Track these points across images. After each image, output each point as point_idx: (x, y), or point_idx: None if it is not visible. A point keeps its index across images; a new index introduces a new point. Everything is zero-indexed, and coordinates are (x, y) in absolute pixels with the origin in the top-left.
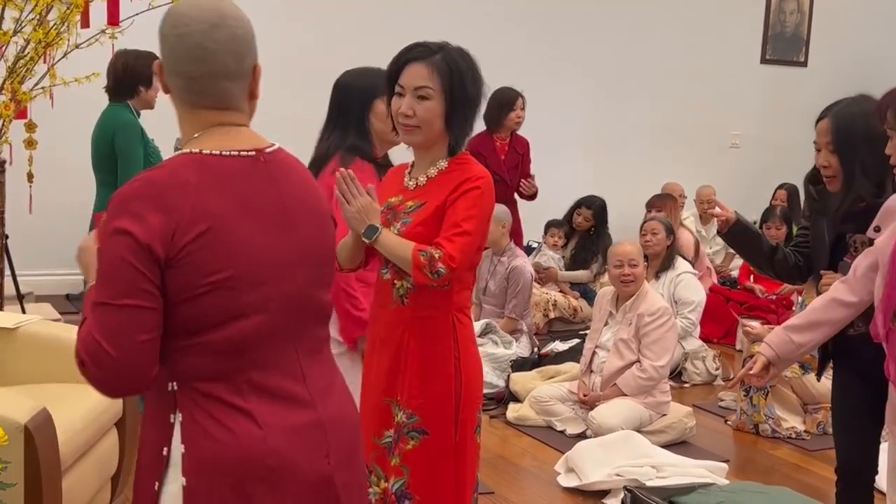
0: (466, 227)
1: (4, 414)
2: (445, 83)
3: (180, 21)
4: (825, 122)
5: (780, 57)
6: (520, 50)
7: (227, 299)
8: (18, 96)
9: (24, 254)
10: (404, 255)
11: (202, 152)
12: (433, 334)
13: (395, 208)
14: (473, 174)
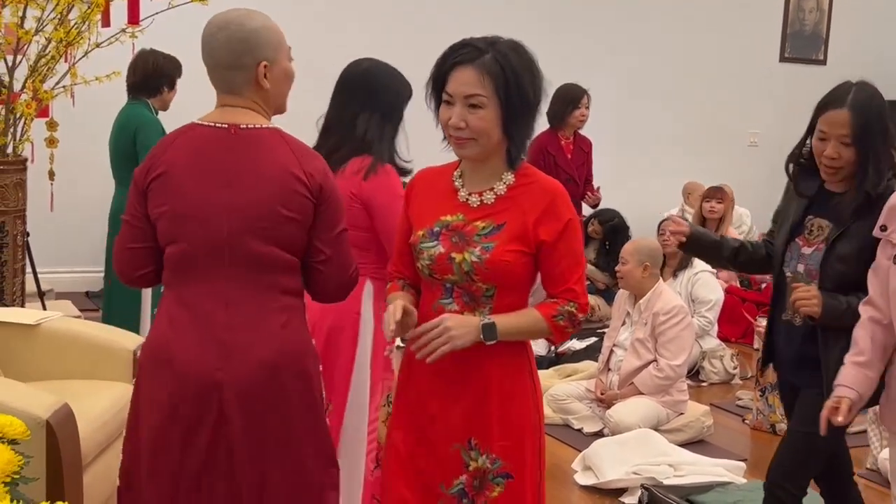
0: (582, 262)
1: (26, 409)
2: (499, 87)
3: (206, 26)
4: (844, 114)
5: (799, 55)
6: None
7: (167, 227)
8: (40, 95)
9: (45, 251)
10: (537, 328)
11: (195, 121)
12: (513, 368)
13: (458, 230)
14: (555, 190)
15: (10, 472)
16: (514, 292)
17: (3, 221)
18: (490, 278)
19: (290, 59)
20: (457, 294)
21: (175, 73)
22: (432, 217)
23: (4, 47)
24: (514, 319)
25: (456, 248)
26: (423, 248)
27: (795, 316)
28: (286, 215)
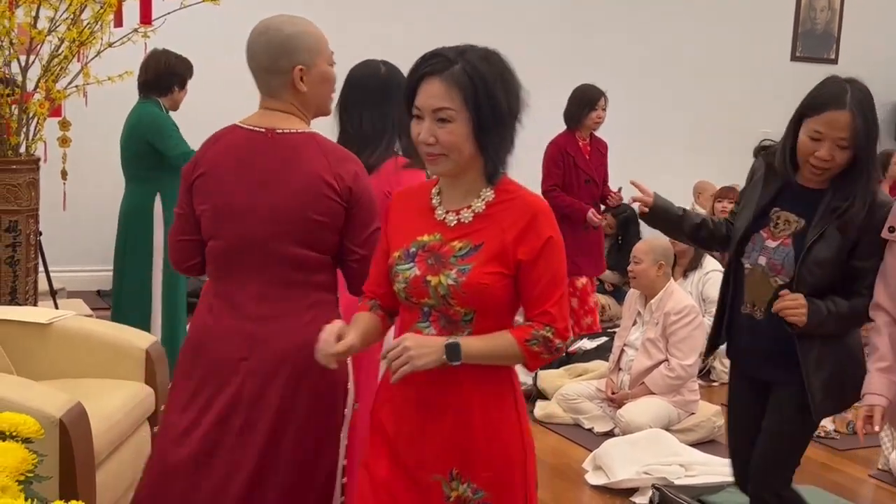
0: (563, 283)
1: (40, 408)
2: (469, 99)
3: (251, 31)
4: (845, 116)
5: (810, 54)
6: (546, 50)
7: (208, 224)
8: (53, 94)
9: (57, 250)
10: (509, 352)
11: (237, 123)
12: (496, 396)
13: (435, 251)
14: (537, 207)
15: (23, 471)
16: (494, 316)
17: (16, 220)
18: (468, 302)
19: (330, 64)
20: (434, 318)
21: (186, 74)
22: (409, 237)
23: (17, 47)
24: (483, 342)
25: (432, 270)
26: (399, 271)
27: (756, 310)
28: (316, 219)
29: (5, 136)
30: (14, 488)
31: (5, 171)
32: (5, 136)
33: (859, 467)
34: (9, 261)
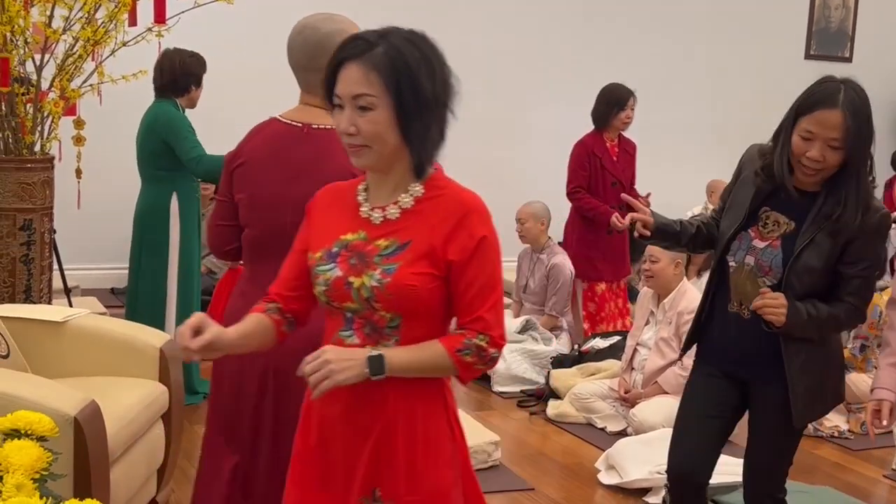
0: (498, 286)
1: (54, 406)
2: (390, 84)
3: (291, 30)
4: (837, 116)
5: (824, 52)
6: (559, 49)
7: (244, 212)
8: (67, 93)
9: (71, 248)
10: (439, 363)
11: (276, 116)
12: (425, 411)
13: (358, 250)
14: (470, 203)
15: (38, 469)
16: (424, 323)
17: (31, 219)
18: (393, 306)
19: None
20: (358, 325)
21: (201, 71)
22: (332, 237)
23: (32, 46)
24: (410, 353)
25: (354, 270)
26: (319, 272)
27: (744, 309)
28: None
29: (20, 134)
30: (29, 486)
31: (20, 170)
32: (20, 134)
33: (873, 467)
34: (23, 259)
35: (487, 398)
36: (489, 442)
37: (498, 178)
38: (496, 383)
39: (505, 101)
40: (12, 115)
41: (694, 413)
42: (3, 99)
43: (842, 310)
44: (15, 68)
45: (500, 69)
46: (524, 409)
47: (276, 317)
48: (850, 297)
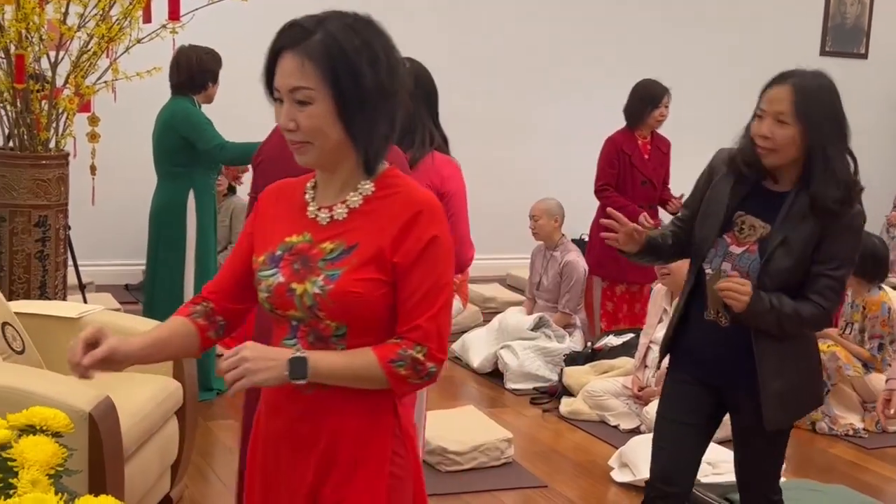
0: (445, 292)
1: (69, 402)
2: (327, 75)
3: None
4: (784, 90)
5: (840, 49)
6: (568, 47)
7: None
8: (82, 90)
9: (86, 244)
10: (369, 373)
11: None
12: (369, 427)
13: (303, 254)
14: (422, 202)
15: (53, 465)
16: (372, 332)
17: (46, 215)
18: (337, 315)
19: None
20: (302, 333)
21: (217, 67)
22: (277, 239)
23: (47, 43)
24: (338, 359)
25: (297, 276)
26: (262, 278)
27: (721, 317)
28: None
29: (35, 131)
30: (44, 482)
31: (35, 166)
32: (35, 131)
33: (889, 466)
34: (38, 255)
35: (500, 395)
36: (502, 439)
37: (507, 176)
38: (509, 380)
39: (514, 99)
40: (27, 111)
41: (668, 421)
42: (19, 96)
43: (806, 307)
44: (30, 65)
45: (507, 67)
46: (537, 407)
47: (201, 321)
48: (815, 296)
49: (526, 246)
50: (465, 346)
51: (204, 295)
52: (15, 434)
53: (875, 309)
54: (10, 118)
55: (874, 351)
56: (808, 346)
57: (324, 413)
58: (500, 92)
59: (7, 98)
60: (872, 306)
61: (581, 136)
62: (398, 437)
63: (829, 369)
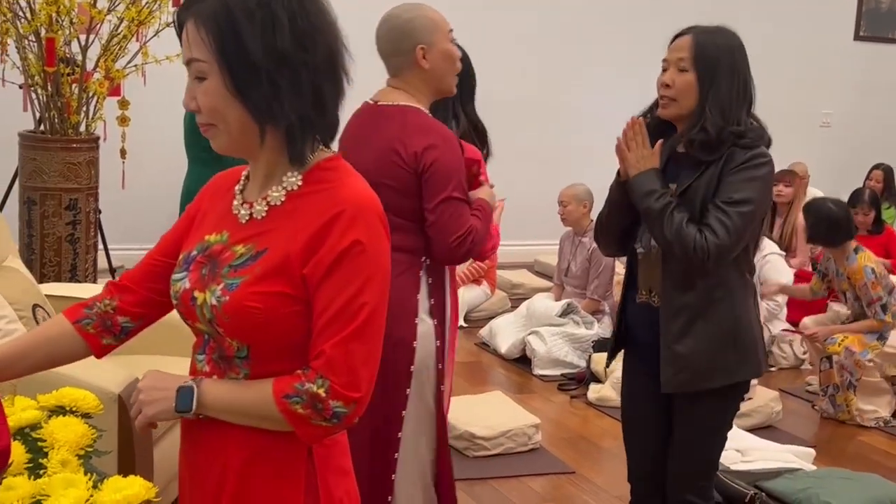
0: (362, 315)
1: (98, 384)
2: (215, 44)
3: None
4: (685, 39)
5: (874, 34)
6: (607, 30)
7: None
8: (112, 74)
9: (116, 228)
10: (262, 411)
11: (367, 100)
12: (271, 469)
13: (215, 256)
14: (347, 202)
15: (83, 446)
16: (282, 358)
17: (76, 199)
18: (235, 332)
19: (450, 42)
20: (210, 349)
21: None
22: (200, 236)
23: (78, 27)
24: (231, 391)
25: (201, 283)
26: (172, 282)
27: (653, 296)
28: (386, 183)
29: (66, 114)
30: (74, 462)
31: (66, 150)
32: (66, 114)
33: None
34: (69, 238)
35: (528, 381)
36: (529, 425)
37: (536, 161)
38: (537, 366)
39: (543, 83)
40: (58, 95)
41: (629, 416)
42: (49, 79)
43: (691, 228)
44: (60, 48)
45: (544, 50)
46: (565, 393)
47: (91, 331)
48: (703, 226)
49: (554, 232)
50: (493, 332)
51: (119, 284)
52: (45, 415)
53: (859, 277)
54: (41, 102)
55: (879, 315)
56: (720, 313)
57: (218, 448)
58: (529, 75)
59: (38, 81)
60: (855, 276)
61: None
62: (312, 493)
63: (847, 366)
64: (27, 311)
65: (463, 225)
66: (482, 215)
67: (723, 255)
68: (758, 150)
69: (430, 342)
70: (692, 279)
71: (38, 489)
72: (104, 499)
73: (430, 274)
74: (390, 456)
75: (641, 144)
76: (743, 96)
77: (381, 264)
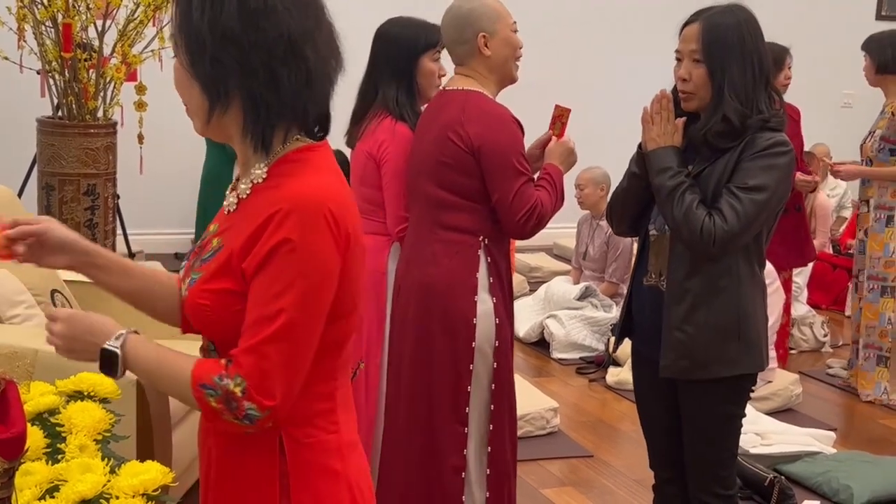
0: (281, 318)
1: None
2: (176, 21)
3: None
4: (694, 28)
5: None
6: (627, 8)
7: None
8: (129, 59)
9: (135, 213)
10: (179, 389)
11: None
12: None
13: (202, 245)
14: (283, 200)
15: (101, 430)
16: None
17: (95, 184)
18: (198, 326)
19: (513, 31)
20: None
21: None
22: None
23: (94, 12)
24: (154, 360)
25: (185, 273)
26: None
27: (662, 280)
28: (443, 161)
29: (83, 100)
30: (92, 447)
31: (84, 135)
32: (83, 100)
33: None
34: (87, 223)
35: (546, 365)
36: (548, 408)
37: None
38: (555, 350)
39: (560, 63)
40: (75, 80)
41: (642, 402)
42: (67, 65)
43: (701, 211)
44: (77, 34)
45: (561, 34)
46: (583, 376)
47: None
48: (717, 213)
49: (572, 215)
50: None
51: None
52: (63, 400)
53: None
54: (59, 88)
55: None
56: (724, 302)
57: (205, 429)
58: (546, 59)
59: (55, 67)
60: None
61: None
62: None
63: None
64: (45, 296)
65: (528, 201)
66: (549, 185)
67: (730, 241)
68: (780, 138)
69: (490, 320)
70: (698, 264)
71: (56, 474)
72: (121, 483)
73: (489, 253)
74: (460, 430)
75: (666, 119)
76: (759, 74)
77: (314, 267)
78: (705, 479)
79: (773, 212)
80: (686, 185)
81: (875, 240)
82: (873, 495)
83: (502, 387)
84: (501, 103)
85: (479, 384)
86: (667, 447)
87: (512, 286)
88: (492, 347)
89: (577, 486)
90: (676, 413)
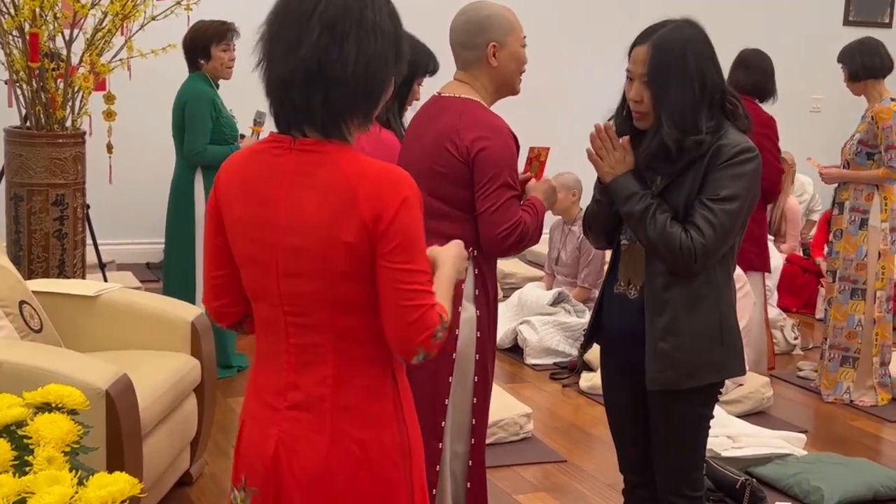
0: None
1: (86, 380)
2: None
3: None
4: (642, 50)
5: (863, 18)
6: (600, 13)
7: None
8: (97, 68)
9: (105, 223)
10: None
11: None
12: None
13: None
14: None
15: (69, 442)
16: None
17: (63, 194)
18: None
19: (522, 46)
20: None
21: (209, 41)
22: None
23: (62, 21)
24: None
25: None
26: None
27: (631, 288)
28: (437, 170)
29: (51, 110)
30: (60, 459)
31: (51, 145)
32: (51, 110)
33: None
34: (56, 234)
35: (520, 370)
36: (521, 414)
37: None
38: (528, 356)
39: (536, 71)
40: (43, 90)
41: (611, 407)
42: (34, 75)
43: (675, 228)
44: (45, 43)
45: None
46: (557, 382)
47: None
48: (688, 225)
49: (545, 221)
50: None
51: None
52: (31, 412)
53: (886, 118)
54: (26, 97)
55: (893, 162)
56: (705, 309)
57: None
58: None
59: (23, 77)
60: (882, 115)
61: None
62: (398, 412)
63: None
64: (14, 307)
65: (511, 217)
66: (533, 212)
67: (710, 255)
68: (745, 145)
69: (471, 331)
70: (676, 274)
71: (23, 487)
72: (89, 495)
73: (477, 265)
74: (434, 445)
75: (612, 149)
76: (700, 96)
77: None
78: (676, 481)
79: (746, 218)
80: (654, 206)
81: (848, 242)
82: (844, 496)
83: (484, 401)
84: (497, 114)
85: (458, 398)
86: (636, 451)
87: (497, 303)
88: (471, 360)
89: (551, 492)
90: (645, 416)
